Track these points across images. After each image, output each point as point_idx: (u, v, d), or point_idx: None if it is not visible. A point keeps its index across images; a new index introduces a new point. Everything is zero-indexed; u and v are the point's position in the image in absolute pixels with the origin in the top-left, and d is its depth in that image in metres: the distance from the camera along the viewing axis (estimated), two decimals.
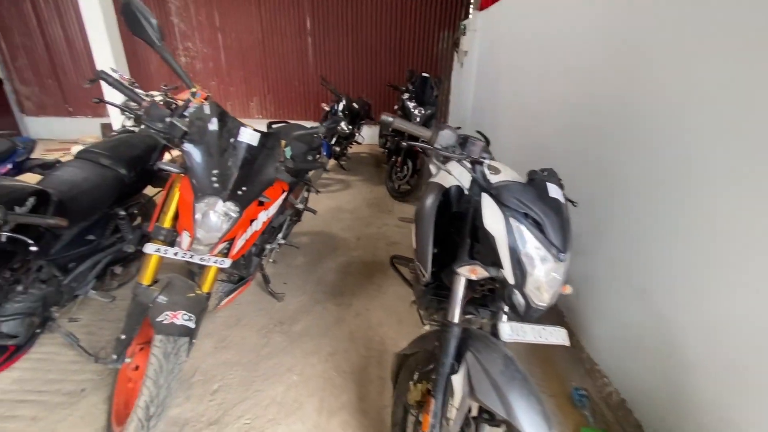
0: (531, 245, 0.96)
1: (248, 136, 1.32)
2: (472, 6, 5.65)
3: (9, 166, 1.95)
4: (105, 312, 2.13)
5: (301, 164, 1.83)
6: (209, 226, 1.30)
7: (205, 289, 1.52)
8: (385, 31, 6.11)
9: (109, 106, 5.37)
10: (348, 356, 1.89)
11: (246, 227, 1.49)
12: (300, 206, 2.47)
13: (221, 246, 1.41)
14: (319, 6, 5.99)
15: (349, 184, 4.62)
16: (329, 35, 6.15)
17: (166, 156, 2.33)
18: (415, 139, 1.19)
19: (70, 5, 5.90)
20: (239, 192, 1.33)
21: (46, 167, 2.20)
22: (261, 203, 1.58)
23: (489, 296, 1.27)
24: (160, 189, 2.34)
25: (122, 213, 1.94)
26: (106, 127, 6.25)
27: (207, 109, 1.29)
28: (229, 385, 1.70)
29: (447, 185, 1.32)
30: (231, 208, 1.33)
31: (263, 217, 1.64)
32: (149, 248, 1.37)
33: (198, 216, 1.28)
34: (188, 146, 1.27)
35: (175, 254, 1.40)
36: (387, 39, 6.16)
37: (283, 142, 1.57)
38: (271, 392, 1.67)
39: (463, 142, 1.11)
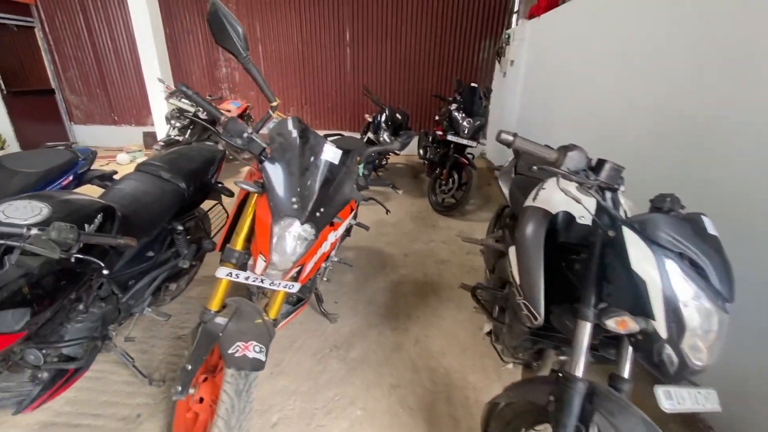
0: (690, 293, 0.80)
1: (331, 153, 1.21)
2: (516, 15, 5.51)
3: (70, 177, 1.93)
4: (156, 328, 2.07)
5: (372, 182, 1.72)
6: (285, 249, 1.19)
7: (272, 315, 1.42)
8: (425, 41, 6.02)
9: (154, 116, 5.51)
10: (413, 390, 1.73)
11: (317, 250, 1.38)
12: (353, 222, 2.36)
13: (293, 270, 1.30)
14: (360, 17, 5.97)
15: (388, 195, 4.50)
16: (368, 46, 6.12)
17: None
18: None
19: (119, 19, 6.12)
20: (317, 214, 1.22)
21: (104, 178, 2.19)
22: (331, 224, 1.47)
23: (603, 341, 1.10)
24: (216, 202, 2.29)
25: (180, 228, 1.88)
26: (148, 136, 6.42)
27: (290, 125, 1.19)
28: (288, 417, 1.58)
29: (553, 211, 1.16)
30: (308, 230, 1.21)
31: (332, 238, 1.54)
32: (221, 272, 1.27)
33: (275, 239, 1.17)
34: (268, 164, 1.17)
35: (247, 279, 1.31)
36: (426, 49, 6.07)
37: (357, 159, 1.46)
38: (335, 429, 1.53)
39: (598, 165, 0.95)
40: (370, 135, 4.51)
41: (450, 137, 3.69)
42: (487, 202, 4.26)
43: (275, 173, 1.17)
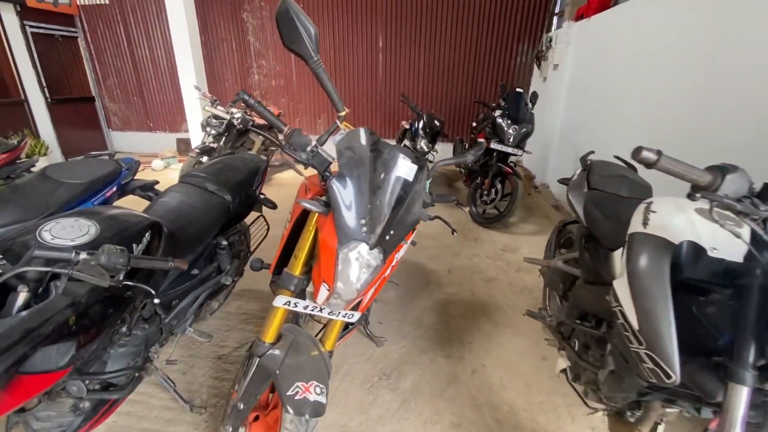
0: None
1: (406, 169, 1.06)
2: (557, 17, 5.27)
3: (114, 188, 1.86)
4: (196, 347, 1.97)
5: (437, 199, 1.56)
6: (352, 278, 1.04)
7: (328, 346, 1.27)
8: (459, 46, 5.85)
9: (189, 123, 5.55)
10: (477, 430, 1.55)
11: (383, 276, 1.23)
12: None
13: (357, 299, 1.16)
14: (393, 23, 5.87)
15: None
16: (401, 52, 6.01)
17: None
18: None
19: (157, 29, 6.24)
20: (387, 237, 1.07)
21: (146, 189, 2.13)
22: None
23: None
24: (258, 214, 2.19)
25: (224, 243, 1.78)
26: (182, 142, 6.50)
27: (362, 137, 1.05)
28: None
29: (675, 240, 0.97)
30: (376, 256, 1.06)
31: (393, 261, 1.38)
32: (279, 301, 1.14)
33: (341, 266, 1.03)
34: (335, 182, 1.03)
35: (306, 308, 1.17)
36: (460, 54, 5.90)
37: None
38: None
39: (765, 191, 0.76)
40: (406, 142, 4.36)
41: (494, 145, 3.49)
42: (530, 214, 4.03)
43: (343, 191, 1.03)
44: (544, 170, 4.87)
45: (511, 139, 3.41)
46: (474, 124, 4.69)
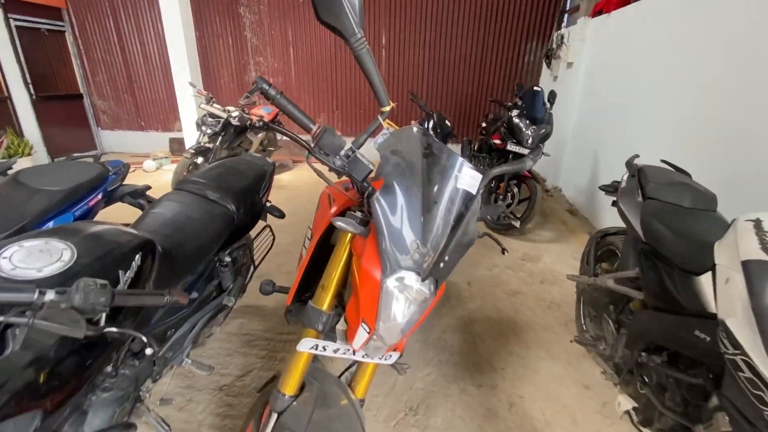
0: None
1: (469, 179, 0.84)
2: (567, 15, 5.09)
3: (99, 195, 1.61)
4: (192, 378, 1.73)
5: (485, 212, 1.34)
6: (397, 316, 0.82)
7: (360, 393, 1.05)
8: (465, 44, 5.65)
9: (183, 122, 5.28)
10: None
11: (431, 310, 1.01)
12: None
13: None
14: (397, 20, 5.65)
15: None
16: (405, 49, 5.79)
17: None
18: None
19: (149, 22, 5.96)
20: (441, 264, 0.85)
21: (136, 195, 1.87)
22: None
23: None
24: (265, 224, 1.95)
25: (227, 260, 1.54)
26: (175, 142, 6.22)
27: (415, 138, 0.83)
28: None
29: None
30: (427, 287, 0.85)
31: (443, 290, 1.16)
32: (304, 345, 0.91)
33: (385, 301, 0.81)
34: (379, 197, 0.80)
35: (336, 352, 0.95)
36: (466, 53, 5.70)
37: None
38: None
39: None
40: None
41: (510, 147, 3.29)
42: (545, 220, 3.83)
43: (389, 208, 0.81)
44: (556, 173, 4.68)
45: (529, 141, 3.21)
46: (484, 125, 4.48)
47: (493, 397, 1.68)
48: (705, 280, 1.08)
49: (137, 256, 0.99)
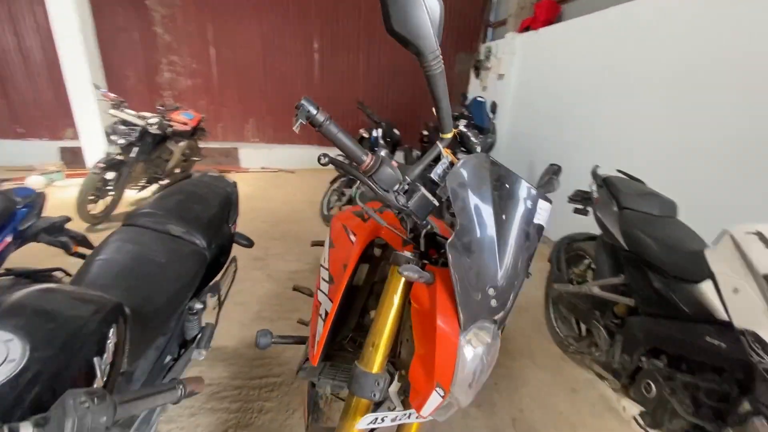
0: None
1: (545, 213, 0.77)
2: (492, 28, 5.43)
3: (8, 237, 1.21)
4: None
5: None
6: (475, 372, 0.72)
7: None
8: (400, 51, 5.70)
9: (79, 128, 4.45)
10: None
11: None
12: None
13: None
14: (329, 25, 5.49)
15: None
16: (338, 55, 5.65)
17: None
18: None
19: (26, 10, 4.92)
20: (509, 304, 0.77)
21: (54, 230, 1.47)
22: None
23: None
24: (233, 257, 1.66)
25: (198, 306, 1.27)
26: (68, 152, 5.25)
27: (485, 167, 0.73)
28: None
29: None
30: (497, 335, 0.76)
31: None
32: (364, 423, 0.75)
33: (464, 358, 0.70)
34: (456, 239, 0.69)
35: (395, 420, 0.80)
36: (401, 60, 5.76)
37: None
38: None
39: None
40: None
41: (460, 156, 3.36)
42: None
43: (464, 252, 0.70)
44: None
45: (478, 150, 3.32)
46: (425, 133, 4.54)
47: (494, 415, 1.65)
48: (706, 288, 1.16)
49: (111, 331, 0.74)
